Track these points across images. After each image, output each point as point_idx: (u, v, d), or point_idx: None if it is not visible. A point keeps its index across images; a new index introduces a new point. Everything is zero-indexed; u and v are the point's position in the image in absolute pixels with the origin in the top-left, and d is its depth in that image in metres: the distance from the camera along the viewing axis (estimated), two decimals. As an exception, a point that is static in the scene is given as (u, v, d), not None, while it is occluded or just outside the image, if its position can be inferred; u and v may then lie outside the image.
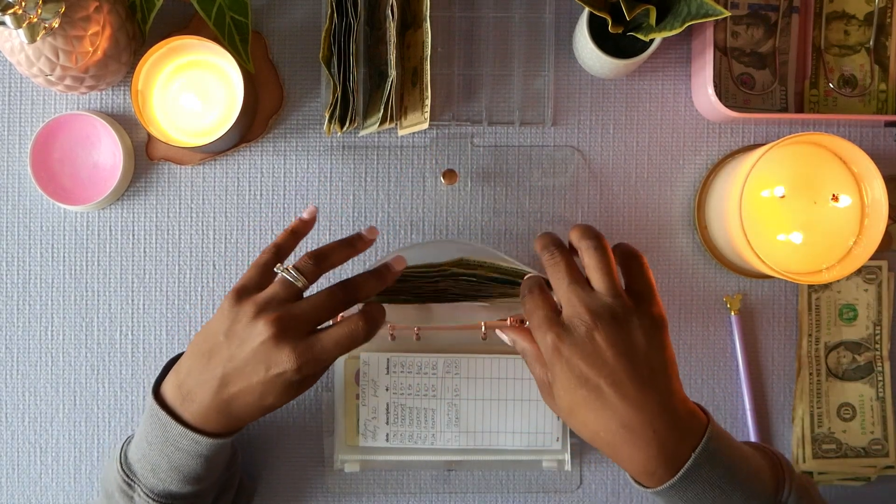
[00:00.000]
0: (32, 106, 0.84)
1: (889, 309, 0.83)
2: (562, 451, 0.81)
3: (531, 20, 0.83)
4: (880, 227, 0.75)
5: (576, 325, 0.62)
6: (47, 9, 0.69)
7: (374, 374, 0.80)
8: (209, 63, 0.79)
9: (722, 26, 0.83)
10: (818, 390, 0.83)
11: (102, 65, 0.75)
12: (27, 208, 0.84)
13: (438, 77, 0.83)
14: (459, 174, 0.83)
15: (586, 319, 0.62)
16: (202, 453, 0.67)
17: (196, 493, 0.70)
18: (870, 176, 0.75)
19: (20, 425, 0.84)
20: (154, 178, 0.84)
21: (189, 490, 0.69)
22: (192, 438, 0.66)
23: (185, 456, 0.67)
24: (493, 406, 0.81)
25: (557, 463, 0.82)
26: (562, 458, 0.81)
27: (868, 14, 0.84)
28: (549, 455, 0.82)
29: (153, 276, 0.84)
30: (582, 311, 0.62)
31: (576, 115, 0.84)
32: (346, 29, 0.76)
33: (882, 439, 0.83)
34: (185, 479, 0.68)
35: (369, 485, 0.83)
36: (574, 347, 0.61)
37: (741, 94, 0.83)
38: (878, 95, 0.84)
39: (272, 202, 0.84)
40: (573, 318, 0.62)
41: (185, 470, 0.67)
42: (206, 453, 0.67)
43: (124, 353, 0.84)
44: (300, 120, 0.84)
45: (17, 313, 0.84)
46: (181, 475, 0.68)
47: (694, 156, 0.84)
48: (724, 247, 0.81)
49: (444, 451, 0.81)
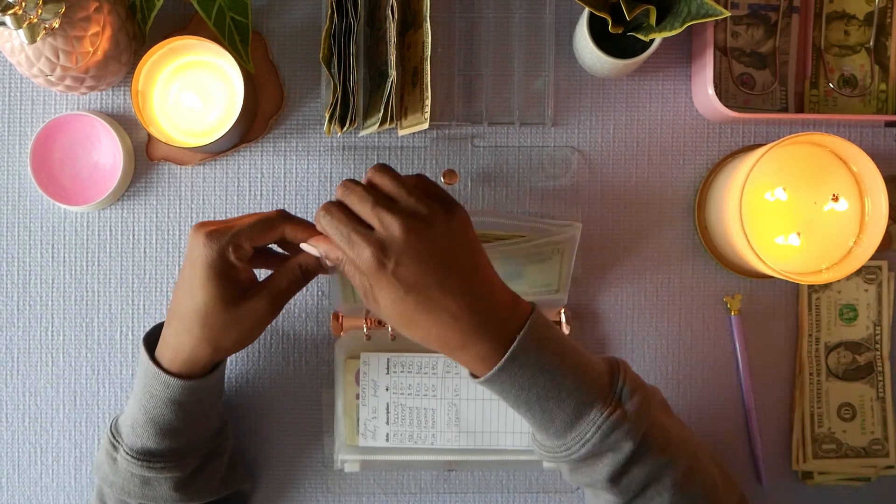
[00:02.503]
0: (32, 106, 0.84)
1: (889, 309, 0.83)
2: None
3: (531, 20, 0.83)
4: (880, 227, 0.75)
5: (392, 236, 0.62)
6: (47, 9, 0.69)
7: (374, 374, 0.80)
8: (209, 63, 0.79)
9: (722, 26, 0.83)
10: (818, 390, 0.83)
11: (102, 65, 0.75)
12: (27, 208, 0.84)
13: (438, 77, 0.83)
14: (460, 174, 0.83)
15: (399, 227, 0.62)
16: (174, 398, 0.69)
17: (174, 450, 0.71)
18: (870, 176, 0.75)
19: (20, 425, 0.84)
20: (154, 179, 0.84)
21: (166, 446, 0.70)
22: (164, 381, 0.68)
23: (158, 404, 0.69)
24: (493, 406, 0.81)
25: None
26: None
27: (868, 14, 0.84)
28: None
29: (153, 276, 0.84)
30: (392, 222, 0.62)
31: (576, 115, 0.84)
32: (346, 29, 0.76)
33: (882, 439, 0.83)
34: (160, 431, 0.69)
35: (369, 485, 0.83)
36: (396, 258, 0.62)
37: (741, 94, 0.83)
38: (878, 95, 0.84)
39: (272, 202, 0.84)
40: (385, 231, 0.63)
41: (160, 421, 0.69)
42: (178, 398, 0.69)
43: (124, 353, 0.84)
44: (300, 120, 0.84)
45: (17, 313, 0.84)
46: (157, 427, 0.69)
47: (694, 156, 0.84)
48: (724, 247, 0.81)
49: (445, 451, 0.81)
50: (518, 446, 0.81)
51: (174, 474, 0.71)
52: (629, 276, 0.84)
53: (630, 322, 0.83)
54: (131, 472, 0.71)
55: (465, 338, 0.63)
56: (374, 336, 0.81)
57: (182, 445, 0.71)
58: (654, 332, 0.83)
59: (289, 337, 0.83)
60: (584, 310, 0.83)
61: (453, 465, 0.83)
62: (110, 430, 0.72)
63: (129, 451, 0.70)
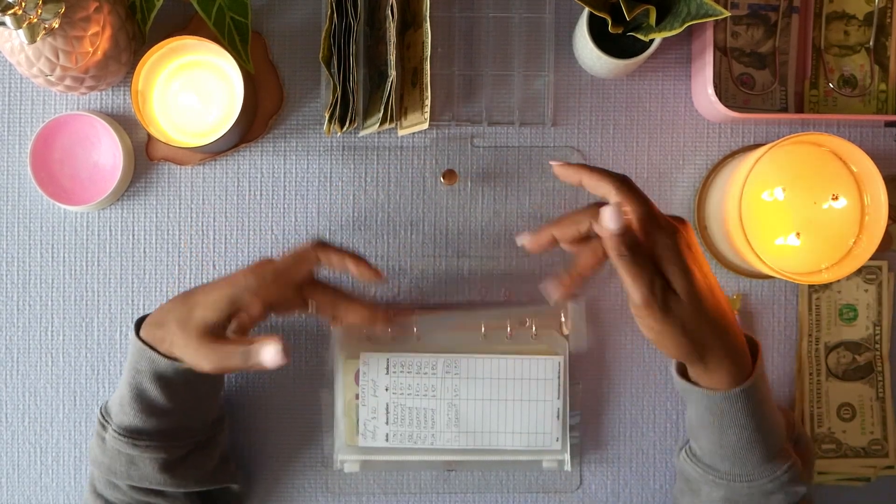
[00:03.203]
0: (32, 106, 0.84)
1: (889, 309, 0.83)
2: (561, 451, 0.81)
3: (531, 20, 0.83)
4: (880, 227, 0.75)
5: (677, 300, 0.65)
6: (47, 9, 0.69)
7: (373, 374, 0.80)
8: (209, 63, 0.79)
9: (722, 26, 0.83)
10: (818, 390, 0.83)
11: (102, 65, 0.75)
12: (27, 208, 0.84)
13: (438, 77, 0.83)
14: (459, 175, 0.83)
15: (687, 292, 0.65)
16: (157, 372, 0.70)
17: (161, 431, 0.71)
18: (870, 176, 0.75)
19: (20, 425, 0.84)
20: (154, 179, 0.84)
21: (154, 425, 0.71)
22: (148, 357, 0.70)
23: (143, 379, 0.70)
24: (493, 406, 0.81)
25: (557, 463, 0.82)
26: (562, 458, 0.81)
27: (868, 14, 0.84)
28: (548, 455, 0.82)
29: (153, 276, 0.84)
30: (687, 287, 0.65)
31: (576, 115, 0.84)
32: (346, 29, 0.76)
33: (882, 439, 0.83)
34: (147, 408, 0.70)
35: (369, 485, 0.83)
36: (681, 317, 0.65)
37: (741, 94, 0.83)
38: (878, 95, 0.84)
39: (272, 202, 0.84)
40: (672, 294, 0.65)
41: (146, 397, 0.70)
42: (163, 373, 0.70)
43: (124, 353, 0.84)
44: (300, 120, 0.84)
45: (17, 313, 0.84)
46: (143, 404, 0.70)
47: (694, 156, 0.84)
48: (724, 247, 0.81)
49: (444, 451, 0.81)
50: (518, 446, 0.81)
51: (159, 455, 0.71)
52: (629, 276, 0.84)
53: (630, 322, 0.83)
54: (118, 450, 0.71)
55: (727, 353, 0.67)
56: (374, 336, 0.81)
57: (170, 427, 0.72)
58: (653, 332, 0.83)
59: (288, 337, 0.83)
60: (584, 310, 0.83)
61: (453, 465, 0.83)
62: (100, 411, 0.74)
63: (117, 428, 0.71)
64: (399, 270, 0.83)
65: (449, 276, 0.83)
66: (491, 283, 0.83)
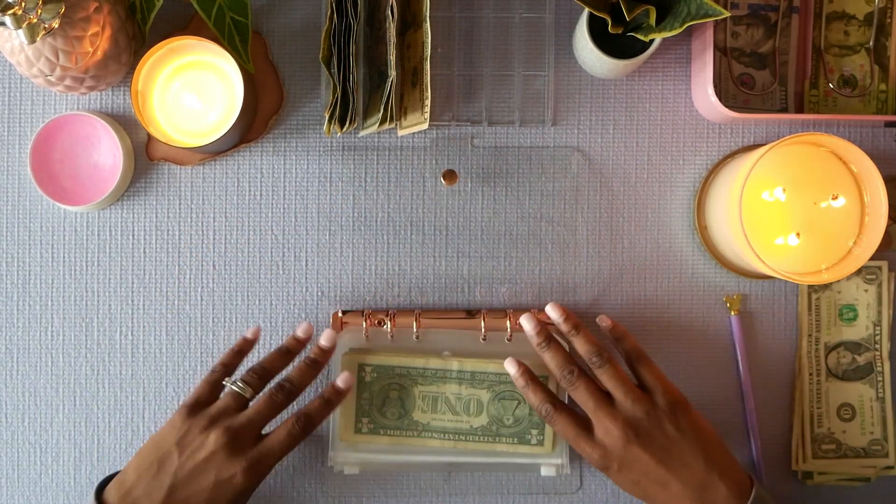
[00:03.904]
0: (32, 106, 0.84)
1: (889, 309, 0.83)
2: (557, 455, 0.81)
3: (531, 20, 0.83)
4: (880, 228, 0.75)
5: (612, 444, 0.71)
6: (47, 9, 0.69)
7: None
8: (209, 63, 0.79)
9: (722, 26, 0.83)
10: (818, 390, 0.83)
11: (102, 65, 0.75)
12: (27, 208, 0.84)
13: (438, 77, 0.83)
14: (459, 175, 0.83)
15: (619, 437, 0.71)
16: None
17: None
18: (870, 176, 0.75)
19: (20, 425, 0.84)
20: (154, 179, 0.84)
21: None
22: None
23: None
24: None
25: (556, 468, 0.81)
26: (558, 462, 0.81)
27: (868, 14, 0.84)
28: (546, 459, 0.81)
29: (153, 276, 0.84)
30: (613, 429, 0.71)
31: (576, 115, 0.84)
32: (346, 29, 0.76)
33: (882, 440, 0.83)
34: None
35: (369, 486, 0.83)
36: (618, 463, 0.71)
37: (741, 94, 0.83)
38: (878, 95, 0.84)
39: (272, 202, 0.84)
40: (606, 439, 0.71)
41: None
42: None
43: (124, 353, 0.84)
44: (300, 120, 0.84)
45: (17, 313, 0.84)
46: None
47: (694, 156, 0.84)
48: (724, 247, 0.81)
49: (444, 453, 0.81)
50: (517, 448, 0.81)
51: None
52: (629, 276, 0.84)
53: (630, 322, 0.83)
54: None
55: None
56: (374, 336, 0.81)
57: None
58: (654, 331, 0.83)
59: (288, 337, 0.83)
60: (584, 310, 0.83)
61: (453, 466, 0.82)
62: None
63: None
64: (399, 270, 0.83)
65: (449, 276, 0.83)
66: (491, 283, 0.83)
